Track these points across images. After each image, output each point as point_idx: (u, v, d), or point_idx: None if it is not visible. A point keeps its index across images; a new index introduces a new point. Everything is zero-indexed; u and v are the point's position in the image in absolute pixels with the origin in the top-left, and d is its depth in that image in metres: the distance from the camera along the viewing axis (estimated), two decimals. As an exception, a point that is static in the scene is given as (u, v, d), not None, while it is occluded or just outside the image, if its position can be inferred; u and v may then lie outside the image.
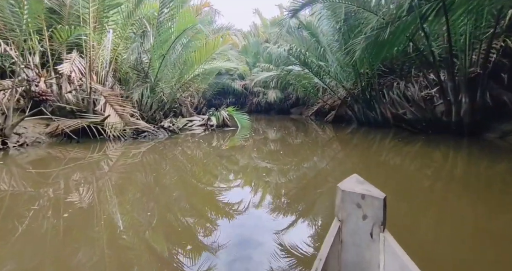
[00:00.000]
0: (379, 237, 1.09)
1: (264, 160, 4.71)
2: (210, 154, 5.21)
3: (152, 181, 3.50)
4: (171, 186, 3.39)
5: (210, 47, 7.72)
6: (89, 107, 6.14)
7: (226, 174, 4.03)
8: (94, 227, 2.15)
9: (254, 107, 19.13)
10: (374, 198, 1.10)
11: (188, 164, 4.47)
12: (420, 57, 7.44)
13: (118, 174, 3.78)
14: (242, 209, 2.63)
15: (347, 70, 9.87)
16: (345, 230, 1.16)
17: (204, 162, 4.65)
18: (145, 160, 4.64)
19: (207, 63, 8.24)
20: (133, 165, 4.34)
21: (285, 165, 4.46)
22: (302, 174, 4.10)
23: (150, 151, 5.31)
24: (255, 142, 6.54)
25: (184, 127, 8.38)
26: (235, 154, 5.20)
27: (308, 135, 8.91)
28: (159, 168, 4.15)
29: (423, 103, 7.30)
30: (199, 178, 3.77)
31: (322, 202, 2.92)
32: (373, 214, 1.11)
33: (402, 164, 4.84)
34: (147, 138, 6.27)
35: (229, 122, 8.49)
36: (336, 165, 4.86)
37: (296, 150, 5.82)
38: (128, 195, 2.99)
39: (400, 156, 5.55)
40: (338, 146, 7.24)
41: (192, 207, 2.74)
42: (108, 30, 6.66)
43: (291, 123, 12.78)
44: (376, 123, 9.13)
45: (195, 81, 10.92)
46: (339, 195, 1.17)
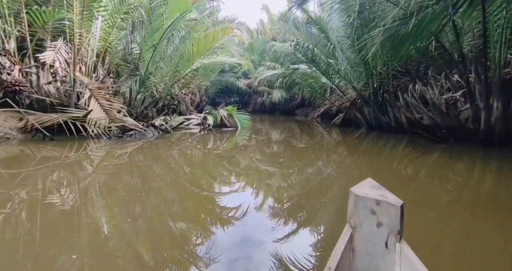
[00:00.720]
0: (395, 247, 0.98)
1: (262, 173, 3.94)
2: (200, 159, 4.45)
3: (128, 189, 2.75)
4: (146, 200, 2.63)
5: (209, 40, 6.96)
6: (71, 100, 5.43)
7: (215, 185, 3.26)
8: (73, 233, 1.87)
9: (258, 107, 18.35)
10: (390, 204, 0.99)
11: (170, 172, 3.71)
12: (444, 56, 6.59)
13: (95, 176, 3.04)
14: (238, 215, 2.30)
15: (358, 69, 9.03)
16: (357, 237, 1.07)
17: (189, 171, 3.88)
18: (123, 163, 3.89)
19: (206, 58, 7.49)
20: (108, 169, 3.59)
21: (286, 174, 3.68)
22: (305, 181, 3.32)
23: (130, 152, 4.57)
24: (255, 146, 5.76)
25: (180, 125, 7.64)
26: (229, 161, 4.43)
27: (313, 138, 8.09)
28: (134, 174, 3.40)
29: (444, 107, 6.44)
30: (180, 192, 3.01)
31: (327, 211, 2.52)
32: (389, 222, 1.00)
33: (418, 175, 4.10)
34: (133, 137, 5.53)
35: (227, 122, 7.73)
36: (342, 173, 4.22)
37: (299, 155, 5.03)
38: (104, 201, 2.24)
39: (415, 165, 4.76)
40: (345, 151, 6.46)
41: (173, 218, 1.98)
42: (96, 17, 5.94)
43: (295, 125, 11.96)
44: (388, 128, 8.27)
45: (194, 77, 10.19)
46: (352, 199, 1.08)
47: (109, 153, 4.53)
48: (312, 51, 7.71)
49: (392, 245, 1.00)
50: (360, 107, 9.25)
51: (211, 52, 7.34)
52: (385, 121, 8.29)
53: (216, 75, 13.89)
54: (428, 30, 4.78)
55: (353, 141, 7.72)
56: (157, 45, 5.51)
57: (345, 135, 8.67)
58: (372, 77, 8.53)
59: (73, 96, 5.54)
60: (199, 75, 11.74)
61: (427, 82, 8.51)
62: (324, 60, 7.91)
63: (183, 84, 10.25)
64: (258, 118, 14.76)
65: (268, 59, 16.04)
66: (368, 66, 8.29)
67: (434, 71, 8.71)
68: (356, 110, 9.73)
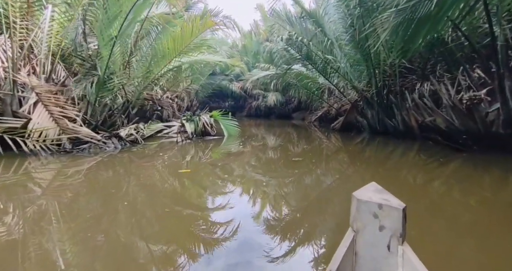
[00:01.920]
0: (397, 250, 0.96)
1: (244, 209, 2.79)
2: (156, 184, 3.29)
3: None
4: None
5: (187, 34, 5.84)
6: (6, 107, 4.27)
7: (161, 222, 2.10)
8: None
9: (253, 111, 17.23)
10: (392, 208, 0.96)
11: (100, 205, 2.54)
12: (461, 48, 5.48)
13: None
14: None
15: (358, 68, 7.91)
16: (360, 241, 1.04)
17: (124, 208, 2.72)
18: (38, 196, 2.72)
19: (186, 55, 6.36)
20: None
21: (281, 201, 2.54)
22: (301, 196, 2.16)
23: (66, 175, 3.39)
24: (239, 160, 4.61)
25: (158, 134, 6.49)
26: (195, 184, 3.27)
27: (310, 142, 6.95)
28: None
29: (464, 108, 5.31)
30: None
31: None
32: (391, 225, 0.97)
33: (432, 187, 3.37)
34: (86, 151, 4.37)
35: (211, 130, 6.58)
36: (343, 184, 3.52)
37: (294, 166, 3.89)
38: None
39: (430, 176, 3.88)
40: (346, 159, 5.37)
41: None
42: (46, 7, 4.82)
43: (292, 129, 10.81)
44: (395, 133, 7.13)
45: (177, 79, 9.06)
46: (354, 204, 1.04)
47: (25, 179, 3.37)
48: (307, 46, 6.60)
49: (394, 248, 0.97)
50: (362, 110, 8.12)
51: (190, 49, 6.21)
52: (391, 125, 7.15)
53: (206, 78, 12.79)
54: (453, 10, 3.66)
55: (355, 148, 6.58)
56: (116, 38, 4.39)
57: (346, 141, 7.52)
58: (375, 75, 7.41)
59: (13, 101, 4.39)
60: (185, 77, 10.64)
61: (438, 80, 7.41)
62: (321, 57, 6.78)
63: (167, 87, 9.13)
64: (254, 123, 13.63)
65: (262, 61, 14.95)
66: (371, 63, 7.17)
67: (442, 68, 7.62)
68: (358, 113, 8.60)
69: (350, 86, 7.87)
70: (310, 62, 7.01)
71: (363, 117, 8.25)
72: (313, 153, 5.53)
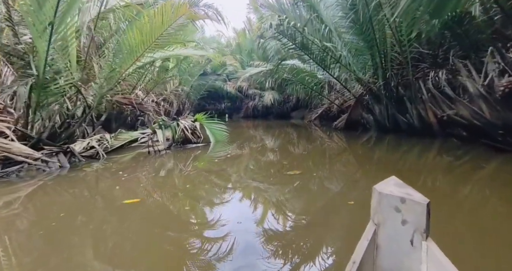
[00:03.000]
0: (421, 245, 0.91)
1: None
2: (95, 221, 2.20)
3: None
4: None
5: (157, 25, 4.75)
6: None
7: None
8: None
9: (250, 111, 16.09)
10: (415, 202, 0.91)
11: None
12: (490, 24, 4.35)
13: None
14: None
15: (362, 58, 6.77)
16: (381, 234, 0.99)
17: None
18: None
19: (160, 50, 5.27)
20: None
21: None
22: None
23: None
24: (218, 180, 3.51)
25: (133, 144, 5.40)
26: (138, 220, 2.18)
27: (310, 144, 5.83)
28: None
29: (499, 97, 4.16)
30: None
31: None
32: (414, 220, 0.92)
33: (467, 197, 2.57)
34: (14, 175, 3.27)
35: (193, 137, 5.47)
36: (350, 191, 2.88)
37: (291, 181, 2.80)
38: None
39: (460, 182, 3.05)
40: (353, 162, 4.39)
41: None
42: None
43: (291, 130, 9.68)
44: (409, 130, 5.98)
45: (159, 80, 7.98)
46: (376, 197, 0.99)
47: None
48: (302, 33, 5.46)
49: (418, 243, 0.92)
50: (369, 105, 6.98)
51: (164, 42, 5.11)
52: (404, 121, 6.00)
53: (197, 79, 11.70)
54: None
55: (362, 148, 5.48)
56: (52, 26, 3.30)
57: (351, 141, 6.39)
58: (382, 65, 6.27)
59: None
60: (172, 77, 9.56)
61: (454, 68, 6.27)
62: (319, 45, 5.64)
63: (148, 89, 8.04)
64: (251, 124, 12.51)
65: (256, 59, 13.83)
66: (376, 50, 6.03)
67: (457, 54, 6.47)
68: (363, 109, 7.46)
69: (353, 79, 6.72)
70: (306, 52, 5.88)
71: (370, 113, 7.11)
72: (314, 161, 4.40)
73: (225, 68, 12.67)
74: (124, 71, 4.84)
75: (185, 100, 12.41)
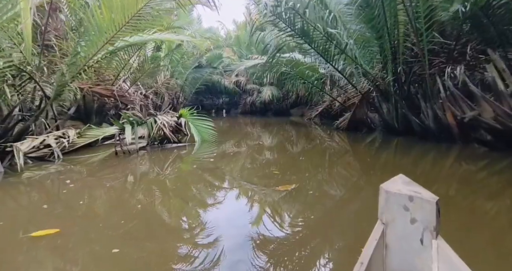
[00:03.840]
0: (431, 244, 0.88)
1: None
2: None
3: None
4: None
5: (130, 1, 3.90)
6: None
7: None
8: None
9: (248, 107, 15.22)
10: (424, 200, 0.88)
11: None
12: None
13: None
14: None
15: (370, 50, 5.91)
16: (390, 234, 0.95)
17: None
18: None
19: (137, 33, 4.44)
20: None
21: None
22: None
23: None
24: (198, 196, 2.72)
25: (108, 141, 4.61)
26: None
27: (309, 142, 5.03)
28: None
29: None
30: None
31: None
32: (424, 219, 0.89)
33: (487, 214, 1.94)
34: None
35: (173, 136, 4.65)
36: (352, 203, 2.33)
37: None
38: None
39: (481, 197, 2.43)
40: (357, 168, 3.69)
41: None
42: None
43: (290, 128, 8.88)
44: (423, 132, 5.16)
45: (148, 71, 7.15)
46: (383, 196, 0.95)
47: None
48: (302, 17, 4.58)
49: (428, 241, 0.89)
50: (375, 103, 6.14)
51: (140, 24, 4.27)
52: (416, 122, 5.17)
53: (192, 71, 10.83)
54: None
55: (368, 152, 4.68)
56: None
57: (356, 143, 5.58)
58: (394, 57, 5.42)
59: None
60: (162, 67, 8.71)
61: (473, 63, 5.47)
62: (321, 32, 4.76)
63: (132, 81, 7.22)
64: (248, 121, 11.71)
65: (255, 52, 12.94)
66: (388, 40, 5.17)
67: (475, 49, 5.64)
68: (368, 108, 6.63)
69: (359, 73, 5.87)
70: (307, 39, 5.03)
71: (376, 113, 6.28)
72: (311, 171, 3.59)
73: (221, 61, 11.79)
74: (91, 56, 4.00)
75: (180, 94, 11.56)
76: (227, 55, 13.53)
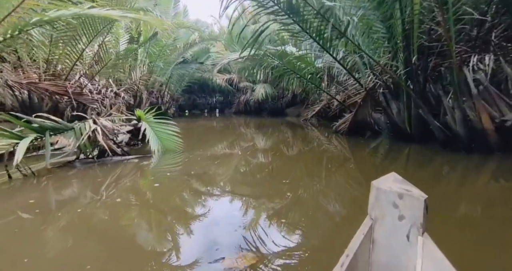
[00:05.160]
0: (417, 240, 0.89)
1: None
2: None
3: None
4: None
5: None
6: None
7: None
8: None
9: (242, 107, 13.99)
10: (413, 198, 0.89)
11: None
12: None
13: None
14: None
15: (376, 35, 4.64)
16: (378, 229, 0.96)
17: None
18: None
19: (59, 6, 3.21)
20: None
21: None
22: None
23: None
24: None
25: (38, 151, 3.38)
26: None
27: (306, 146, 3.79)
28: None
29: None
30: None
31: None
32: (411, 215, 0.90)
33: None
34: None
35: (116, 147, 3.43)
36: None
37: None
38: None
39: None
40: (362, 184, 2.64)
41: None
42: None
43: (285, 129, 7.63)
44: (447, 139, 3.90)
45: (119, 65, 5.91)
46: (374, 193, 0.96)
47: None
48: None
49: (414, 238, 0.90)
50: (381, 101, 4.88)
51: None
52: (438, 126, 3.91)
53: (176, 67, 9.58)
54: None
55: (374, 162, 3.45)
56: None
57: (356, 150, 4.34)
58: (408, 44, 4.15)
59: None
60: (139, 60, 7.49)
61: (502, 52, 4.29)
62: (315, 8, 3.47)
63: (91, 74, 5.98)
64: (243, 121, 10.49)
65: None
66: (400, 18, 3.91)
67: (500, 36, 4.47)
68: (373, 107, 5.37)
69: (365, 63, 4.60)
70: (295, 18, 3.75)
71: (384, 113, 5.03)
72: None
73: (208, 56, 10.52)
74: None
75: (165, 92, 10.33)
76: (219, 50, 12.28)
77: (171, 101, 10.95)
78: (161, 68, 8.77)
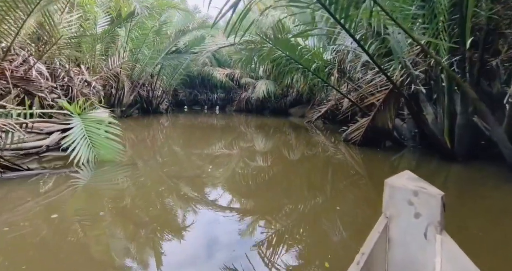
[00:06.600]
0: (435, 238, 0.84)
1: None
2: None
3: None
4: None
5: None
6: None
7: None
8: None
9: (243, 104, 12.67)
10: (429, 195, 0.84)
11: None
12: None
13: None
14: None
15: (408, 13, 3.25)
16: (393, 227, 0.91)
17: None
18: None
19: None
20: None
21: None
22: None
23: None
24: None
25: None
26: None
27: (302, 168, 2.50)
28: None
29: None
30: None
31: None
32: (428, 213, 0.85)
33: None
34: None
35: (12, 164, 2.21)
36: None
37: None
38: None
39: None
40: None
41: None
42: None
43: (286, 131, 6.32)
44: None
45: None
46: (387, 191, 0.91)
47: None
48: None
49: (431, 236, 0.85)
50: (410, 103, 3.50)
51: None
52: (505, 140, 2.55)
53: (168, 58, 8.33)
54: None
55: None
56: None
57: (374, 168, 3.01)
58: (466, 16, 2.77)
59: None
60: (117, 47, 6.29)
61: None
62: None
63: (37, 55, 4.78)
64: (244, 120, 9.25)
65: (248, 38, 10.34)
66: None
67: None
68: (396, 109, 3.97)
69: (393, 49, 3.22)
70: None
71: (414, 119, 3.66)
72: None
73: (203, 42, 9.15)
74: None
75: (155, 84, 9.11)
76: (220, 41, 10.99)
77: (163, 95, 9.73)
78: (150, 57, 7.56)
